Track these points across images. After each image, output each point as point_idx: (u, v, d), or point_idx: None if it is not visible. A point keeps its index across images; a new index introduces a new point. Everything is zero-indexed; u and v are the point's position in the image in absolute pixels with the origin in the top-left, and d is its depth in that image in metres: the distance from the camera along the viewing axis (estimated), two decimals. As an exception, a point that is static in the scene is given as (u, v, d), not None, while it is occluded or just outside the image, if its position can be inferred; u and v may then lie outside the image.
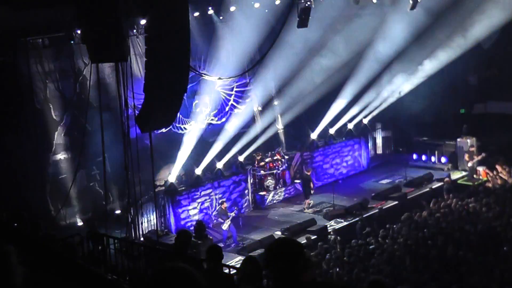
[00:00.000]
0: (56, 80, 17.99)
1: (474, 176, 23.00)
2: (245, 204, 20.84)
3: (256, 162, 21.59)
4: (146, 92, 12.70)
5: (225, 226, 18.17)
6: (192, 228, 18.40)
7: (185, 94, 13.89)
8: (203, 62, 20.89)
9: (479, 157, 23.00)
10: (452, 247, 15.08)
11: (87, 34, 12.74)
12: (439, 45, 23.52)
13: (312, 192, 21.19)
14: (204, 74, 20.54)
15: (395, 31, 22.77)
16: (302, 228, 18.61)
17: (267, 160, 21.73)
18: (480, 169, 22.89)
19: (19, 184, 16.75)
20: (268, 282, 6.79)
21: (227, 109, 22.22)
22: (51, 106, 17.97)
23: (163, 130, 17.94)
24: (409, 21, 22.53)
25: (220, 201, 19.18)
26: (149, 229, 18.03)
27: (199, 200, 19.45)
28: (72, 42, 17.26)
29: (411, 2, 21.79)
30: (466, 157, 23.41)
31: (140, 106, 13.79)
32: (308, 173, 21.41)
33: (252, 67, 21.23)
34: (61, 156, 18.18)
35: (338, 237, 17.55)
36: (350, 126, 25.02)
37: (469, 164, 23.19)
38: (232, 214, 18.35)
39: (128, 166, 13.20)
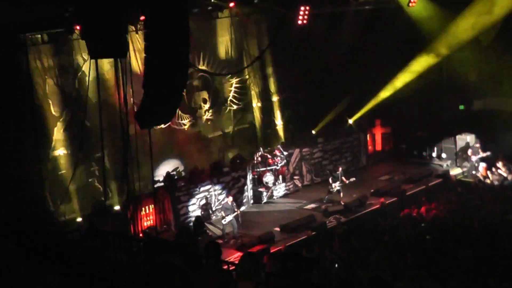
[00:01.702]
0: (55, 76, 17.96)
1: (473, 172, 23.04)
2: (244, 200, 20.86)
3: (255, 158, 21.60)
4: (146, 88, 12.71)
5: (225, 221, 18.18)
6: (191, 224, 18.48)
7: (184, 90, 13.92)
8: (202, 58, 20.88)
9: (484, 155, 23.03)
10: (451, 243, 15.10)
11: (86, 30, 12.75)
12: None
13: (329, 188, 21.09)
14: (203, 70, 20.56)
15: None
16: (301, 224, 18.63)
17: (266, 156, 21.75)
18: (480, 165, 22.93)
19: (18, 180, 16.75)
20: (267, 278, 6.81)
21: (226, 105, 22.23)
22: (50, 102, 17.95)
23: (162, 126, 17.95)
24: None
25: (226, 195, 19.41)
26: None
27: (198, 196, 19.46)
28: (71, 37, 17.24)
29: None
30: (470, 153, 23.45)
31: (139, 102, 13.79)
32: (337, 172, 21.39)
33: (251, 63, 21.24)
34: (60, 152, 18.17)
35: (343, 226, 17.67)
36: (350, 121, 25.06)
37: (471, 161, 23.23)
38: (238, 211, 18.36)
39: (128, 162, 13.22)
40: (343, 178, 21.11)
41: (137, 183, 16.30)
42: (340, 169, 21.51)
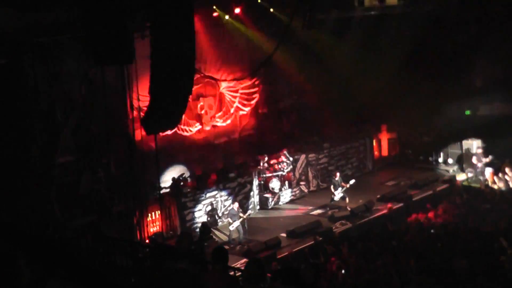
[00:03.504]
0: (62, 82, 18.00)
1: (481, 177, 22.95)
2: (251, 206, 20.82)
3: (261, 164, 21.57)
4: (152, 94, 12.73)
5: (232, 227, 18.17)
6: (197, 230, 18.46)
7: (190, 96, 13.91)
8: (208, 64, 20.88)
9: (487, 160, 22.94)
10: (458, 248, 15.02)
11: (92, 36, 12.77)
12: None
13: (332, 196, 21.14)
14: (209, 76, 20.56)
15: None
16: (307, 230, 18.58)
17: (272, 162, 21.74)
18: (487, 171, 22.84)
19: (25, 186, 16.77)
20: (272, 284, 6.78)
21: (232, 111, 22.21)
22: (56, 108, 17.99)
23: (168, 132, 17.95)
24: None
25: (232, 201, 19.47)
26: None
27: (204, 202, 19.44)
28: (77, 44, 17.27)
29: None
30: (474, 159, 23.37)
31: (145, 108, 13.80)
32: (336, 178, 21.37)
33: (257, 68, 21.24)
34: (66, 158, 18.19)
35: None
36: (356, 127, 25.04)
37: (477, 166, 23.15)
38: (245, 216, 18.36)
39: (134, 168, 13.23)
40: (343, 183, 21.09)
41: (143, 188, 16.31)
42: (338, 174, 21.53)
